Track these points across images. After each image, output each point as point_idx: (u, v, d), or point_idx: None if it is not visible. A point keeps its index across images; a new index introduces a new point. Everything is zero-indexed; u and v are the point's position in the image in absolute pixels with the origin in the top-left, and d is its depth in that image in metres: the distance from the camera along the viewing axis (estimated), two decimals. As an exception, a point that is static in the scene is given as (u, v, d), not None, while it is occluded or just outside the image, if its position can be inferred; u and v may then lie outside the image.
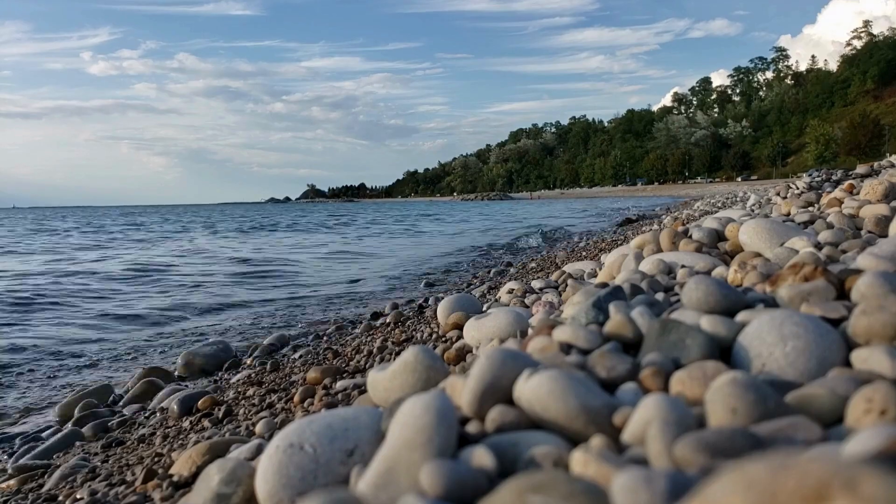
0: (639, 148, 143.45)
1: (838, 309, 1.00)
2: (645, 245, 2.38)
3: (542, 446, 0.74)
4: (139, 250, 14.20)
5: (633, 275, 1.76)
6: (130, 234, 22.38)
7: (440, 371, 1.18)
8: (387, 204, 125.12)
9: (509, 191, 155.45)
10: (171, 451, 2.13)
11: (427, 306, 4.48)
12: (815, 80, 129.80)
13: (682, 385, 0.83)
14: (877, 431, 0.56)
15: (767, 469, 0.45)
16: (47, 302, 6.59)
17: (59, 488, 2.06)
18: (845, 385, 0.76)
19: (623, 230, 12.20)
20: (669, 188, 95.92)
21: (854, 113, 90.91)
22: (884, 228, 2.04)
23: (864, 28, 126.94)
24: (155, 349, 4.51)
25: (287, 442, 0.89)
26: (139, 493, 1.65)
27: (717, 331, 0.97)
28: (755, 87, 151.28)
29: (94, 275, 9.06)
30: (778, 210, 3.16)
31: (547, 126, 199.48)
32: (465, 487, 0.67)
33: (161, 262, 11.09)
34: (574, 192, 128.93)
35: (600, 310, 1.18)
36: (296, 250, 13.50)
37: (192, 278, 8.59)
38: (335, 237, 18.35)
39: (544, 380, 0.81)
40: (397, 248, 13.53)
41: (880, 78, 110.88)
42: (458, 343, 2.14)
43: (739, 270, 1.49)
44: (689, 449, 0.63)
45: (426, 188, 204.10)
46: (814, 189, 4.29)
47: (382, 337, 3.44)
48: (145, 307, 6.20)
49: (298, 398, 2.37)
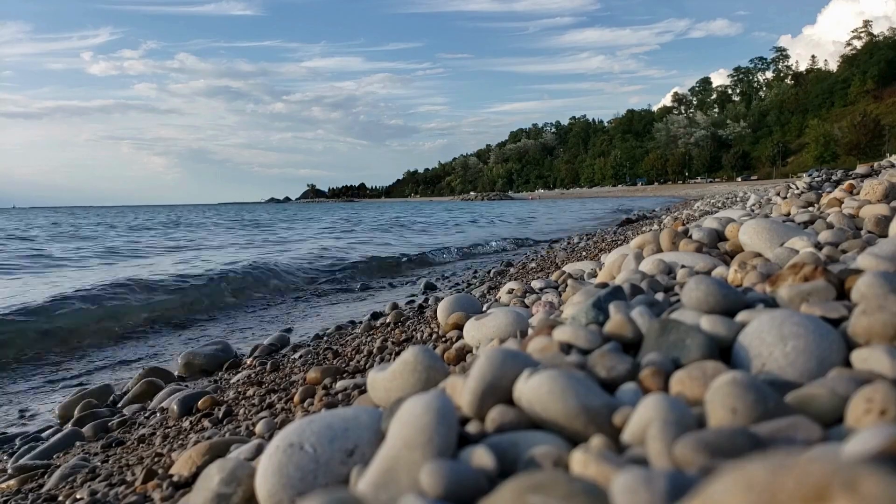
0: (639, 148, 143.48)
1: (838, 309, 1.00)
2: (645, 245, 2.38)
3: (542, 446, 0.74)
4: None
5: (633, 275, 1.76)
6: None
7: (440, 371, 1.18)
8: (387, 204, 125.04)
9: (509, 190, 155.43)
10: (171, 452, 2.13)
11: (427, 306, 4.48)
12: (815, 80, 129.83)
13: (682, 385, 0.83)
14: (877, 431, 0.56)
15: (767, 469, 0.45)
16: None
17: (59, 488, 2.06)
18: (845, 385, 0.76)
19: (623, 230, 12.20)
20: (669, 188, 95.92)
21: (854, 113, 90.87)
22: (884, 228, 2.04)
23: (864, 28, 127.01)
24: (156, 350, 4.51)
25: (287, 442, 0.89)
26: (139, 494, 1.65)
27: (717, 331, 0.97)
28: (755, 87, 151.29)
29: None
30: (778, 210, 3.16)
31: (547, 126, 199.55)
32: (465, 487, 0.67)
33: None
34: (574, 192, 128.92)
35: (600, 310, 1.18)
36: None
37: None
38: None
39: (544, 380, 0.81)
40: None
41: (880, 78, 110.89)
42: (458, 343, 2.14)
43: (739, 270, 1.49)
44: (689, 449, 0.63)
45: (426, 188, 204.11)
46: (814, 189, 4.29)
47: (382, 337, 3.43)
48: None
49: (298, 398, 2.37)
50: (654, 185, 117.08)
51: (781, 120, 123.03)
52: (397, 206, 76.07)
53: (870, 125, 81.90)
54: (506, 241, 13.42)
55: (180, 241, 16.06)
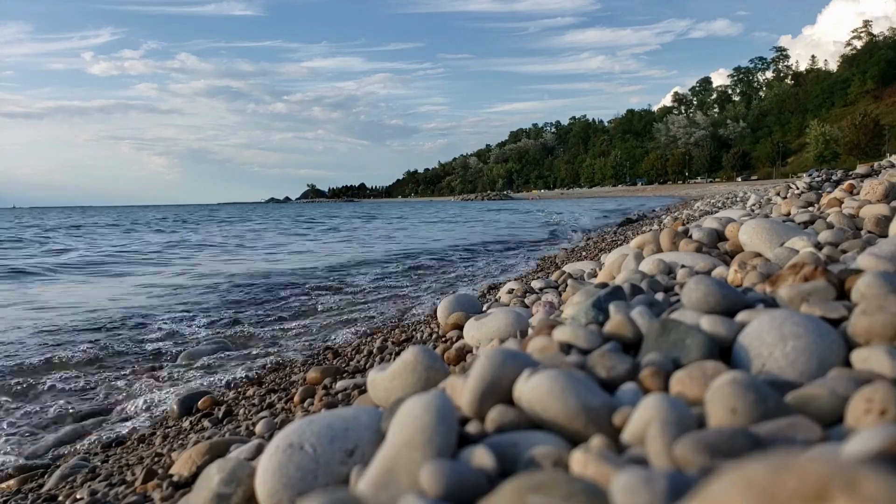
0: (639, 148, 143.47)
1: (838, 309, 1.00)
2: (645, 245, 2.38)
3: (542, 446, 0.74)
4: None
5: (633, 275, 1.76)
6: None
7: (440, 371, 1.18)
8: (387, 203, 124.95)
9: (510, 190, 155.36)
10: (171, 451, 2.13)
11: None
12: (815, 80, 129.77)
13: (681, 385, 0.83)
14: (877, 431, 0.56)
15: (767, 469, 0.45)
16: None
17: (59, 488, 2.06)
18: (845, 385, 0.76)
19: (623, 230, 12.20)
20: (669, 188, 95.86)
21: (854, 113, 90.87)
22: (884, 228, 2.04)
23: (864, 28, 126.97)
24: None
25: (287, 442, 0.89)
26: (139, 493, 1.65)
27: (716, 331, 0.97)
28: (755, 87, 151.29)
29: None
30: (778, 210, 3.16)
31: (547, 126, 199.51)
32: (465, 487, 0.67)
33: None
34: (574, 192, 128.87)
35: (600, 310, 1.18)
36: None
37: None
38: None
39: (544, 380, 0.81)
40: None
41: (880, 78, 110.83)
42: (458, 343, 2.14)
43: (739, 270, 1.49)
44: (689, 449, 0.63)
45: (426, 188, 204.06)
46: (814, 189, 4.29)
47: (382, 337, 3.43)
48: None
49: (298, 398, 2.37)
50: (654, 185, 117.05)
51: (781, 120, 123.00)
52: (417, 206, 75.51)
53: (870, 125, 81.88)
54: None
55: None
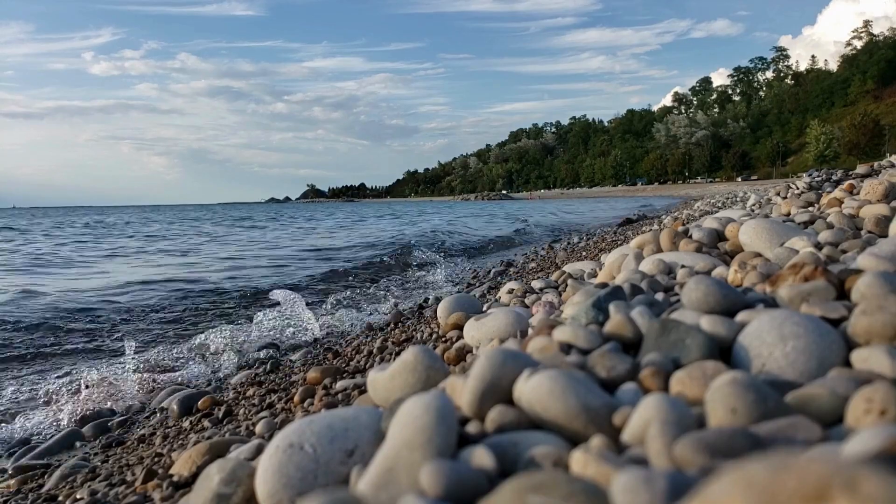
0: (639, 148, 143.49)
1: (838, 309, 1.00)
2: (645, 245, 2.38)
3: (542, 446, 0.74)
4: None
5: (633, 275, 1.76)
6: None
7: (440, 371, 1.18)
8: (394, 203, 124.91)
9: (510, 190, 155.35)
10: (171, 452, 2.13)
11: (427, 306, 4.48)
12: (815, 80, 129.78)
13: (682, 385, 0.83)
14: (877, 431, 0.56)
15: (767, 469, 0.45)
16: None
17: (59, 488, 2.06)
18: (845, 385, 0.76)
19: (623, 230, 12.20)
20: (669, 188, 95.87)
21: (854, 113, 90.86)
22: (884, 228, 2.04)
23: (864, 28, 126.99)
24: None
25: (287, 442, 0.89)
26: (139, 494, 1.65)
27: (716, 331, 0.97)
28: (755, 87, 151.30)
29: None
30: (778, 210, 3.16)
31: (547, 126, 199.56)
32: (465, 487, 0.67)
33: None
34: (575, 192, 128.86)
35: (600, 310, 1.18)
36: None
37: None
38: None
39: (544, 380, 0.81)
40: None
41: (880, 78, 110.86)
42: (458, 343, 2.14)
43: (739, 270, 1.49)
44: (689, 449, 0.63)
45: (426, 188, 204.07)
46: (814, 189, 4.28)
47: (382, 337, 3.43)
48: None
49: (298, 398, 2.37)
50: (654, 185, 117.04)
51: (781, 120, 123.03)
52: (421, 206, 75.39)
53: (870, 125, 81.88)
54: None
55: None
